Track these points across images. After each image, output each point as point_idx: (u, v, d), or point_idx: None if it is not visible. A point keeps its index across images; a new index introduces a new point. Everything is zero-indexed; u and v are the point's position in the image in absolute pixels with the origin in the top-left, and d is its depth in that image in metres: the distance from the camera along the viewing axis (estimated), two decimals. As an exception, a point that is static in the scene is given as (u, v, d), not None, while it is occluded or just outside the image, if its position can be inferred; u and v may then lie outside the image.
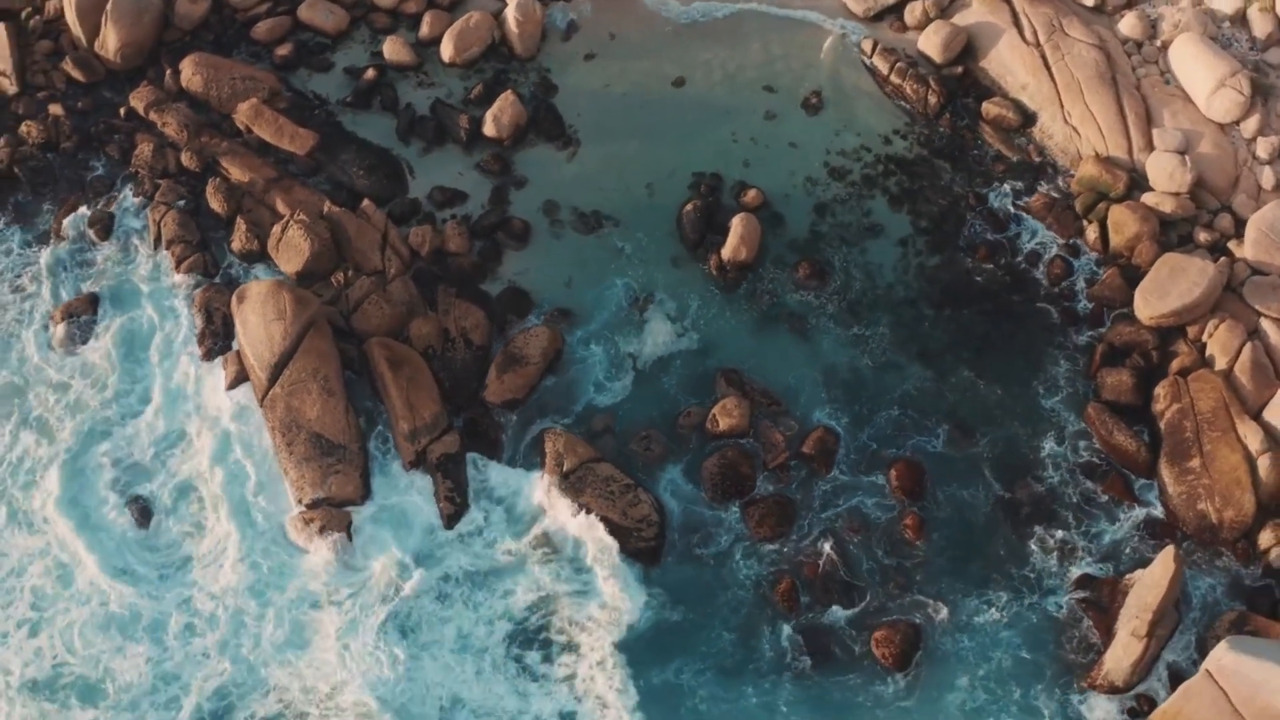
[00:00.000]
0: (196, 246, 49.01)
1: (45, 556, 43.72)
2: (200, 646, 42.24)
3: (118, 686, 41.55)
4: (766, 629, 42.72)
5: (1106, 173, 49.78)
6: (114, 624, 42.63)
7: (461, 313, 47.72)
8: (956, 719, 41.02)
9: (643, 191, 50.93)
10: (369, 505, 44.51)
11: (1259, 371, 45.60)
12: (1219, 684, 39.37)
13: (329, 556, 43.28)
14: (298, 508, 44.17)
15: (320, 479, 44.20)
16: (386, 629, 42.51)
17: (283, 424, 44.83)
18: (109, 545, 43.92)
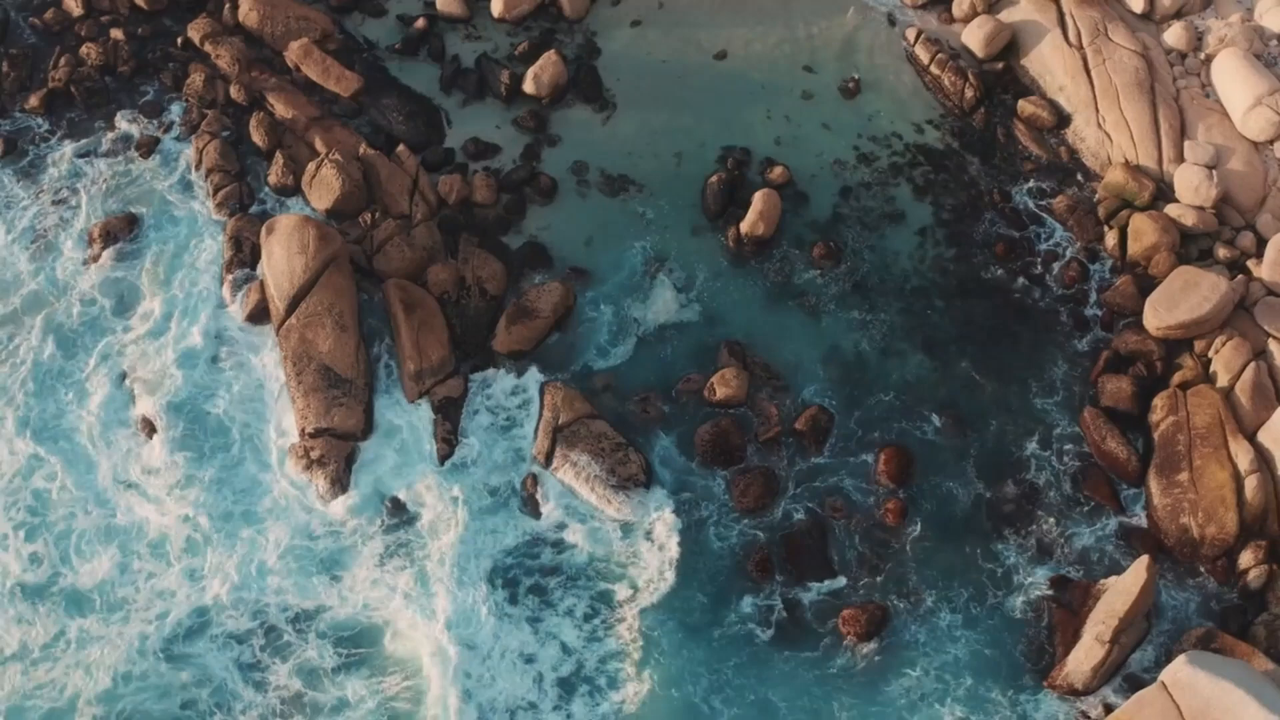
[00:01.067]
0: (235, 177, 50.29)
1: (52, 464, 45.01)
2: (192, 565, 43.40)
3: (108, 597, 42.89)
4: (735, 596, 43.03)
5: (1133, 180, 49.26)
6: (115, 535, 43.97)
7: (480, 262, 48.56)
8: (899, 702, 41.08)
9: (671, 160, 51.26)
10: (370, 440, 45.59)
11: (1259, 392, 45.01)
12: (1172, 696, 39.22)
13: (325, 486, 44.40)
14: (300, 436, 45.38)
15: (324, 410, 45.29)
16: (374, 558, 43.56)
17: (295, 354, 45.96)
18: (117, 458, 45.22)
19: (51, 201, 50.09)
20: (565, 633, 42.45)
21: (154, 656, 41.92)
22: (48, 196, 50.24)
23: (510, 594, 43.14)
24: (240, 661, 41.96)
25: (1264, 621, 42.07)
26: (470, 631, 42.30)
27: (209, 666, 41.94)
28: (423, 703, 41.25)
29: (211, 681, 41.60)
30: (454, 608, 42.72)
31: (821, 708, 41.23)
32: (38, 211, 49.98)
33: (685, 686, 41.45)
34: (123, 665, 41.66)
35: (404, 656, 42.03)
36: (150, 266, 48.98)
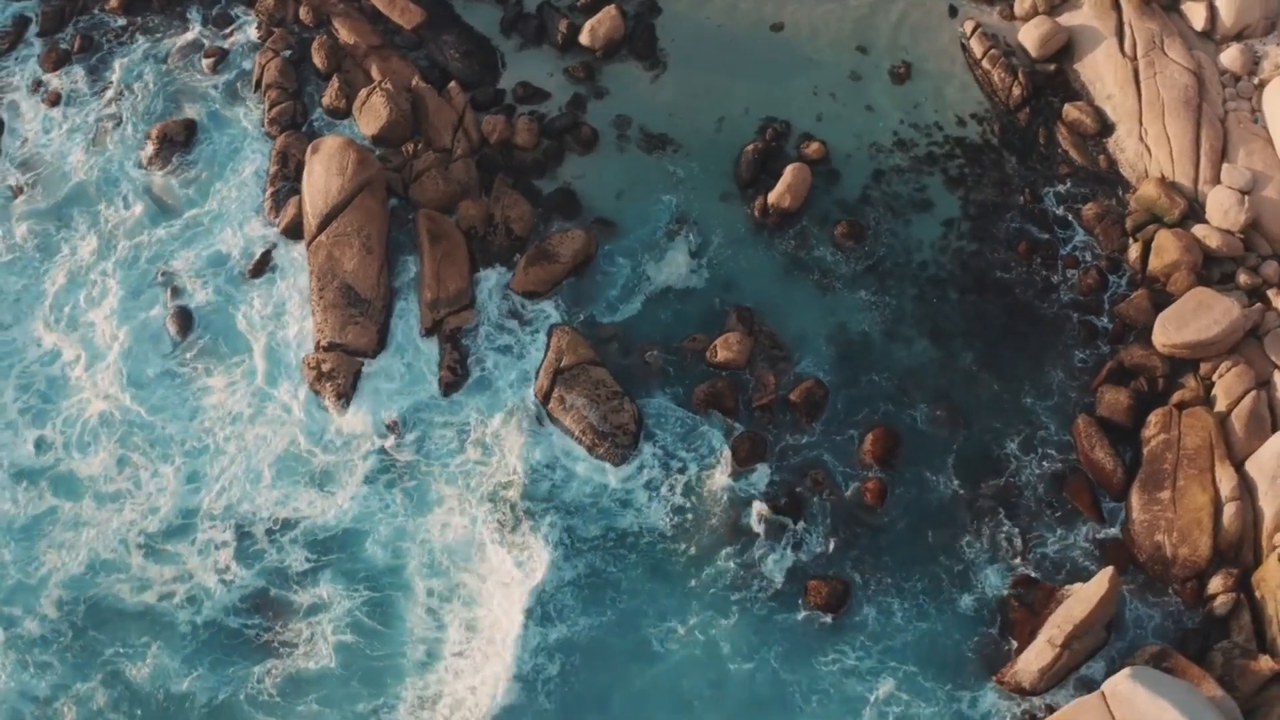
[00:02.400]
0: (291, 95, 51.52)
1: (74, 355, 46.99)
2: (192, 466, 45.13)
3: (103, 487, 44.80)
4: (706, 549, 43.66)
5: (1166, 196, 48.26)
6: (123, 429, 45.80)
7: (510, 203, 49.18)
8: (833, 668, 41.47)
9: (712, 125, 51.30)
10: (379, 360, 46.76)
11: (1255, 421, 44.08)
12: (1109, 706, 39.04)
13: (331, 399, 45.74)
14: (315, 349, 46.62)
15: (340, 326, 46.49)
16: (368, 474, 44.89)
17: (321, 270, 47.20)
18: (139, 355, 47.00)
19: (115, 99, 51.80)
20: (539, 559, 43.35)
21: (136, 549, 43.72)
22: (112, 94, 51.96)
23: (497, 520, 44.10)
24: (219, 563, 43.51)
25: (1222, 649, 41.48)
26: (452, 549, 43.62)
27: (188, 565, 43.56)
28: (395, 613, 42.77)
29: (188, 580, 43.17)
30: (435, 531, 43.92)
31: (761, 657, 41.78)
32: (101, 108, 51.74)
33: (640, 622, 42.35)
34: (104, 552, 43.49)
35: (381, 569, 43.27)
36: (199, 172, 50.60)
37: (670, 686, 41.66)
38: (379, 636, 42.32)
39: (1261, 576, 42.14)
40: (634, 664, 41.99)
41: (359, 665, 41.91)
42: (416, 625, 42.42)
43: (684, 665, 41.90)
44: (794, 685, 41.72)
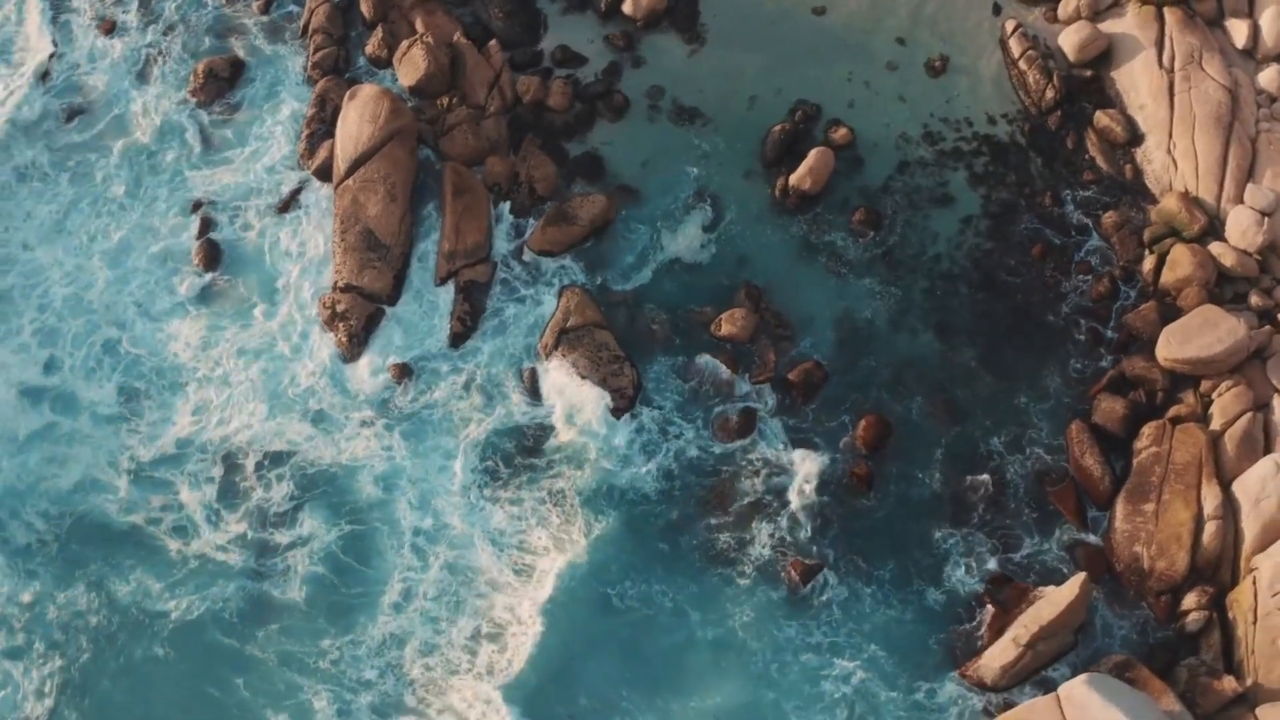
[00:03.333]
0: (336, 41, 52.20)
1: (99, 278, 48.16)
2: (198, 397, 46.22)
3: (101, 411, 46.00)
4: (687, 516, 44.01)
5: (1186, 211, 47.47)
6: (134, 355, 46.97)
7: (537, 163, 49.55)
8: (795, 643, 41.78)
9: (744, 102, 51.15)
10: (393, 308, 47.37)
11: (1247, 443, 43.39)
12: (1062, 709, 39.00)
13: (343, 340, 46.53)
14: (332, 289, 47.38)
15: (358, 269, 47.25)
16: (369, 415, 45.77)
17: (345, 213, 47.91)
18: (163, 283, 48.14)
19: (165, 32, 52.84)
20: (525, 515, 44.08)
21: (125, 473, 44.93)
22: (163, 27, 52.98)
23: (487, 471, 44.74)
24: (206, 496, 44.55)
25: (1188, 665, 41.10)
26: (444, 493, 44.38)
27: (179, 494, 44.63)
28: (377, 549, 43.72)
29: (177, 509, 44.39)
30: (430, 474, 44.70)
31: (726, 623, 42.24)
32: (151, 41, 52.80)
33: (610, 577, 42.94)
34: (95, 471, 44.72)
35: (370, 505, 44.23)
36: (240, 110, 51.61)
37: (631, 640, 42.12)
38: (354, 573, 43.09)
39: (1236, 597, 41.67)
40: (600, 616, 42.47)
41: (326, 600, 42.73)
42: (397, 564, 43.13)
43: (647, 622, 42.31)
44: (756, 653, 42.05)
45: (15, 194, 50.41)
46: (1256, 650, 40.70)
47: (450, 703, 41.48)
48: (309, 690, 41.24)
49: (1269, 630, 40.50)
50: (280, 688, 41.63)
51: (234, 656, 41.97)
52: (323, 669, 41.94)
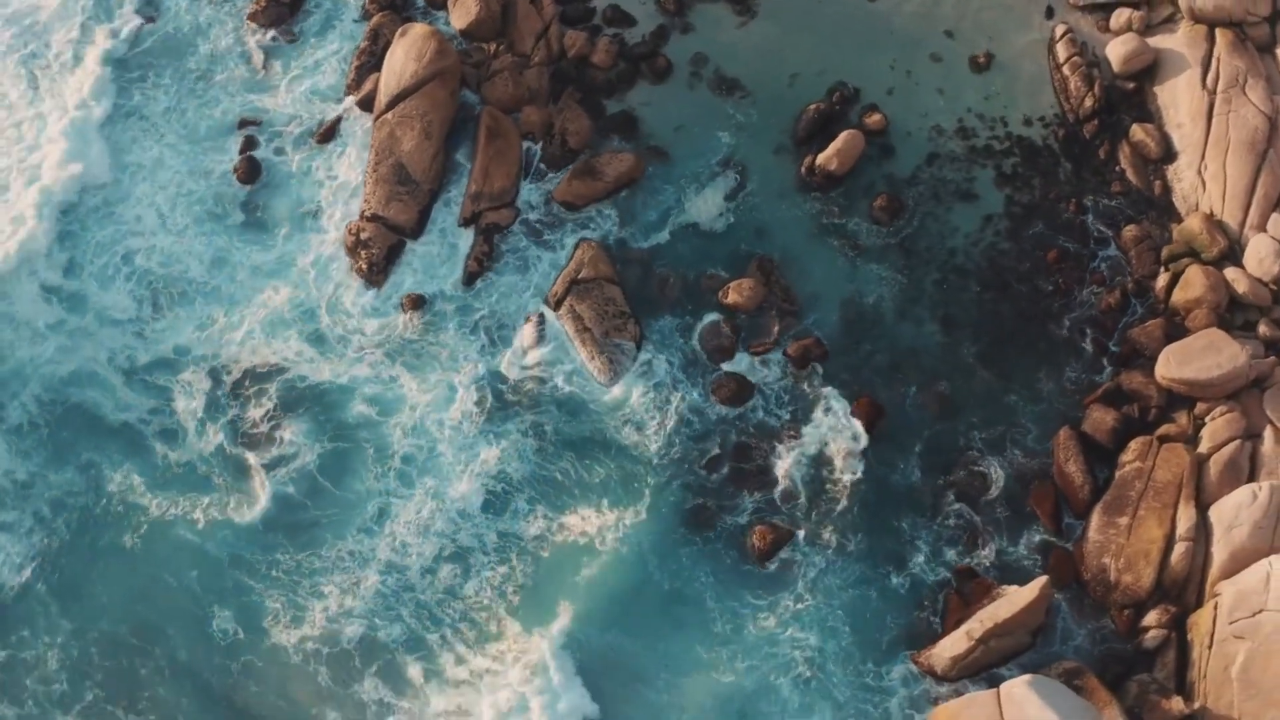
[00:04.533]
0: (397, -20, 53.37)
1: (133, 191, 49.35)
2: (206, 310, 47.26)
3: (110, 314, 47.17)
4: (668, 474, 44.30)
5: (1208, 233, 46.48)
6: (152, 261, 48.09)
7: (572, 116, 49.78)
8: (758, 609, 42.14)
9: (785, 79, 50.90)
10: (416, 242, 48.13)
11: (1231, 470, 42.58)
12: (1001, 707, 38.91)
13: (363, 268, 47.29)
14: (359, 217, 48.14)
15: (385, 200, 47.95)
16: (375, 340, 46.58)
17: (380, 145, 48.59)
18: (197, 192, 49.22)
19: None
20: (511, 445, 44.78)
21: (123, 372, 46.12)
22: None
23: (483, 407, 45.37)
24: (198, 406, 45.63)
25: (1140, 681, 40.74)
26: (437, 423, 45.21)
27: (171, 400, 45.82)
28: (361, 467, 44.74)
29: (168, 414, 45.58)
30: (428, 404, 45.45)
31: (691, 576, 42.69)
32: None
33: (585, 521, 43.61)
34: (91, 365, 45.98)
35: (357, 430, 45.17)
36: (297, 36, 52.47)
37: (600, 581, 42.78)
38: (333, 490, 44.16)
39: (1196, 620, 41.09)
40: (571, 556, 43.17)
41: (298, 514, 43.93)
42: (378, 487, 44.09)
43: (609, 563, 42.96)
44: (716, 610, 42.45)
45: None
46: (1209, 675, 40.24)
47: (403, 618, 42.57)
48: (259, 592, 42.53)
49: (1223, 656, 39.99)
50: (228, 585, 42.94)
51: (196, 555, 43.36)
52: (275, 577, 43.02)
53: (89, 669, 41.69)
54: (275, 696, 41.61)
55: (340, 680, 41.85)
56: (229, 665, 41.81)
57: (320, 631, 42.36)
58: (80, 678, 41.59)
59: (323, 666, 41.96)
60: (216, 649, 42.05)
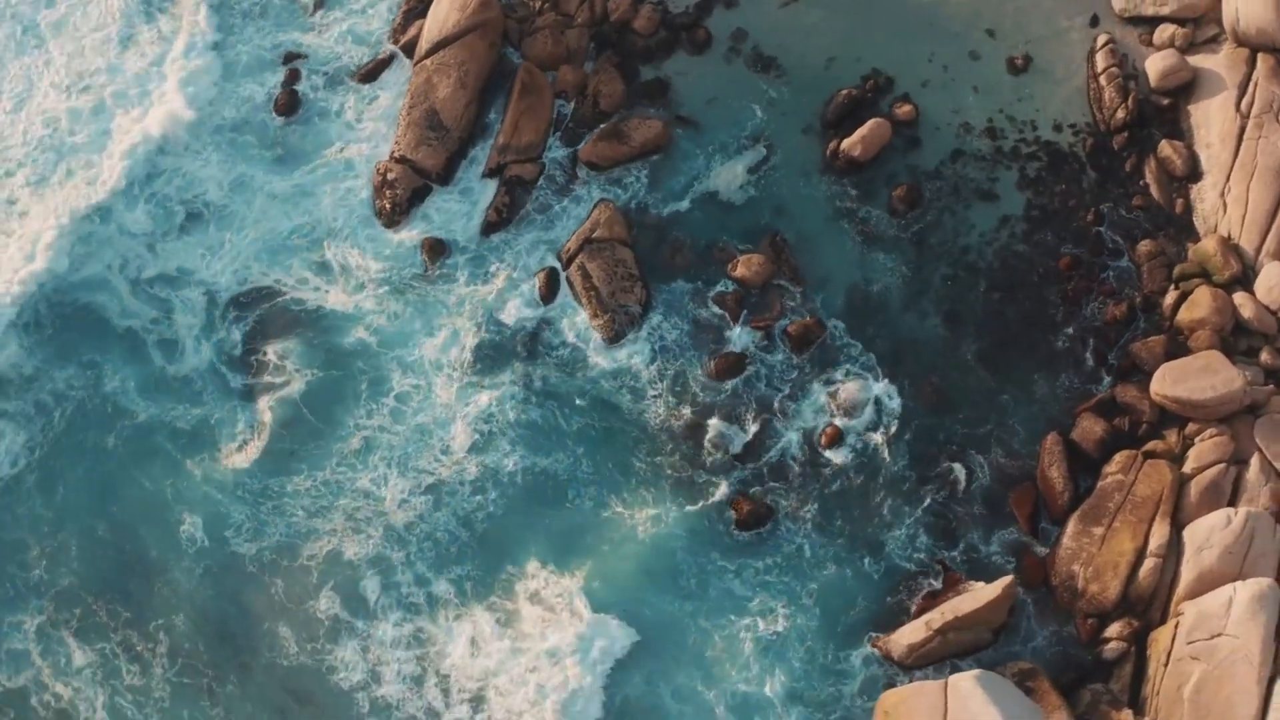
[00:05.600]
0: (449, -66, 53.40)
1: (180, 111, 50.11)
2: (220, 231, 48.18)
3: (130, 226, 48.26)
4: (656, 441, 44.71)
5: (1222, 255, 45.51)
6: (177, 179, 49.08)
7: (607, 79, 49.83)
8: (725, 575, 42.55)
9: (821, 61, 50.44)
10: (440, 188, 48.61)
11: (1212, 492, 41.94)
12: (947, 697, 38.90)
13: (386, 207, 47.93)
14: (389, 157, 48.73)
15: (416, 143, 48.46)
16: (380, 280, 47.28)
17: (417, 89, 49.14)
18: (238, 116, 50.17)
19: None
20: (504, 392, 45.36)
21: (130, 282, 47.24)
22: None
23: (483, 354, 45.95)
24: (196, 324, 46.65)
25: (1094, 690, 40.58)
26: (436, 364, 45.83)
27: (173, 314, 46.87)
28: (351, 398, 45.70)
29: (166, 326, 46.68)
30: (430, 340, 46.15)
31: (667, 539, 43.19)
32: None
33: (559, 471, 44.24)
34: (104, 273, 47.12)
35: (354, 362, 46.09)
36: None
37: (570, 522, 43.60)
38: (321, 417, 45.15)
39: (1157, 637, 40.67)
40: (534, 498, 43.91)
41: (283, 436, 45.05)
42: (367, 422, 44.94)
43: (591, 511, 43.67)
44: (688, 571, 42.89)
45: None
46: (1162, 692, 39.86)
47: (369, 539, 43.63)
48: (226, 506, 43.76)
49: (1177, 675, 39.56)
50: (198, 495, 44.18)
51: (173, 464, 44.72)
52: (242, 495, 44.11)
53: (65, 558, 43.34)
54: (232, 604, 42.86)
55: (294, 595, 42.97)
56: (193, 569, 43.25)
57: (279, 545, 43.51)
58: (57, 565, 43.27)
59: (279, 579, 43.14)
60: (183, 553, 43.53)
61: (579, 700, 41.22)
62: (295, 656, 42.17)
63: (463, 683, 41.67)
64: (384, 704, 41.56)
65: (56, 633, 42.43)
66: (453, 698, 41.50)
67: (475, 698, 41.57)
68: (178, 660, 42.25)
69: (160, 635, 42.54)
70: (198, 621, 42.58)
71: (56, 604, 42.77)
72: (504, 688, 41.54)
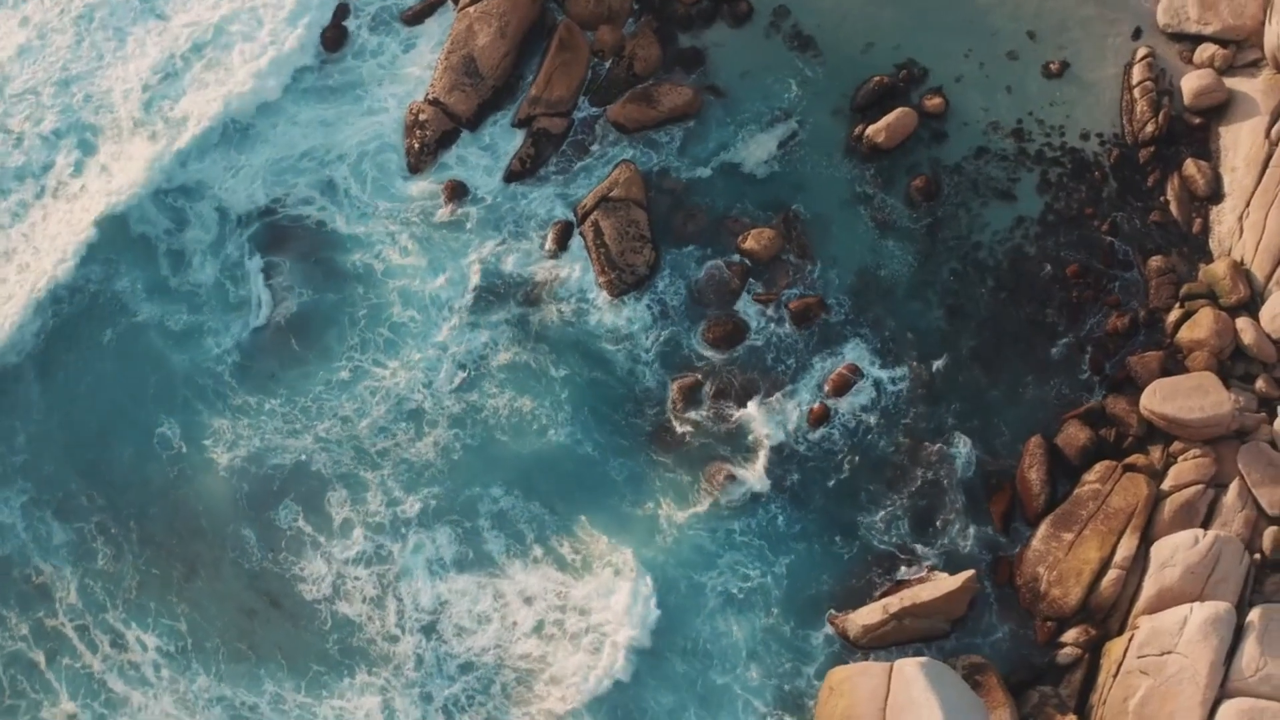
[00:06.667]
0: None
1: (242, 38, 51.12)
2: (250, 153, 49.00)
3: (155, 129, 49.13)
4: (640, 399, 44.90)
5: (1231, 279, 44.60)
6: (217, 103, 49.61)
7: (645, 43, 49.68)
8: (695, 527, 42.92)
9: (859, 45, 49.91)
10: (469, 134, 48.91)
11: (1185, 512, 41.24)
12: (890, 680, 38.89)
13: (414, 147, 48.29)
14: (423, 99, 49.15)
15: (449, 87, 48.79)
16: (394, 215, 47.85)
17: (457, 35, 49.41)
18: (280, 54, 50.54)
19: None
20: (497, 321, 46.02)
21: (149, 192, 47.91)
22: None
23: (487, 298, 46.37)
24: (207, 237, 47.58)
25: (1042, 692, 40.36)
26: (434, 304, 46.47)
27: (188, 225, 47.80)
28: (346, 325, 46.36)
29: (177, 236, 47.62)
30: (437, 276, 46.74)
31: (636, 484, 43.67)
32: None
33: (541, 414, 44.68)
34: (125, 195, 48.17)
35: (356, 288, 46.79)
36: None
37: (550, 460, 44.07)
38: (313, 340, 45.97)
39: (1110, 648, 40.30)
40: (525, 445, 44.33)
41: (271, 355, 45.89)
42: (360, 356, 45.56)
43: (571, 452, 44.08)
44: (663, 525, 43.01)
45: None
46: (1108, 702, 39.48)
47: (339, 458, 44.31)
48: (205, 413, 44.76)
49: (1125, 687, 39.16)
50: (179, 400, 45.14)
51: (162, 366, 45.70)
52: (220, 407, 45.02)
53: (49, 445, 44.54)
54: (203, 505, 43.84)
55: (258, 502, 43.82)
56: (168, 469, 44.25)
57: (250, 455, 44.36)
58: (41, 452, 44.46)
59: (245, 485, 43.99)
60: (159, 452, 44.52)
61: (538, 626, 41.97)
62: (261, 563, 43.09)
63: (421, 604, 42.34)
64: (345, 620, 42.25)
65: (40, 512, 43.64)
66: (409, 620, 42.13)
67: (429, 626, 42.11)
68: (148, 551, 43.29)
69: (133, 525, 43.65)
70: (169, 517, 43.64)
71: (40, 485, 44.02)
72: (459, 615, 42.15)
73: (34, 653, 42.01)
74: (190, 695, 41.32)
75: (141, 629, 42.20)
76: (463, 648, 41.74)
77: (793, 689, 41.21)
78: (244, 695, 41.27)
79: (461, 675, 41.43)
